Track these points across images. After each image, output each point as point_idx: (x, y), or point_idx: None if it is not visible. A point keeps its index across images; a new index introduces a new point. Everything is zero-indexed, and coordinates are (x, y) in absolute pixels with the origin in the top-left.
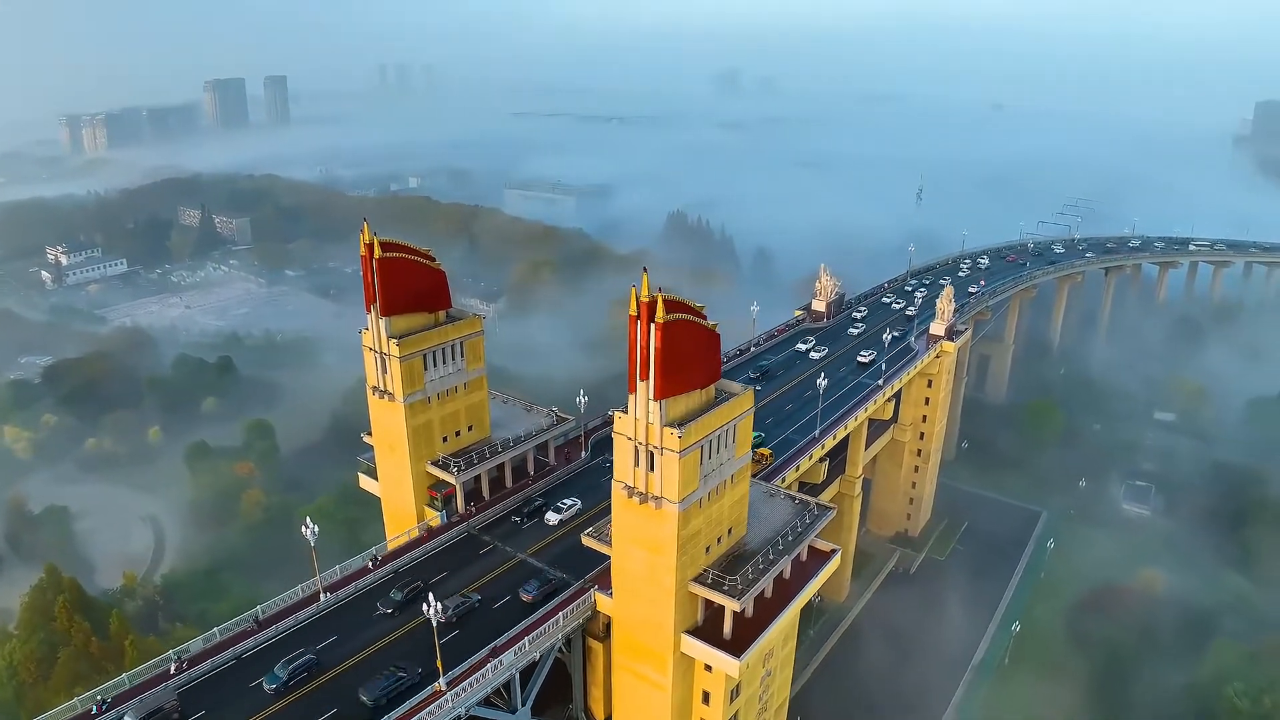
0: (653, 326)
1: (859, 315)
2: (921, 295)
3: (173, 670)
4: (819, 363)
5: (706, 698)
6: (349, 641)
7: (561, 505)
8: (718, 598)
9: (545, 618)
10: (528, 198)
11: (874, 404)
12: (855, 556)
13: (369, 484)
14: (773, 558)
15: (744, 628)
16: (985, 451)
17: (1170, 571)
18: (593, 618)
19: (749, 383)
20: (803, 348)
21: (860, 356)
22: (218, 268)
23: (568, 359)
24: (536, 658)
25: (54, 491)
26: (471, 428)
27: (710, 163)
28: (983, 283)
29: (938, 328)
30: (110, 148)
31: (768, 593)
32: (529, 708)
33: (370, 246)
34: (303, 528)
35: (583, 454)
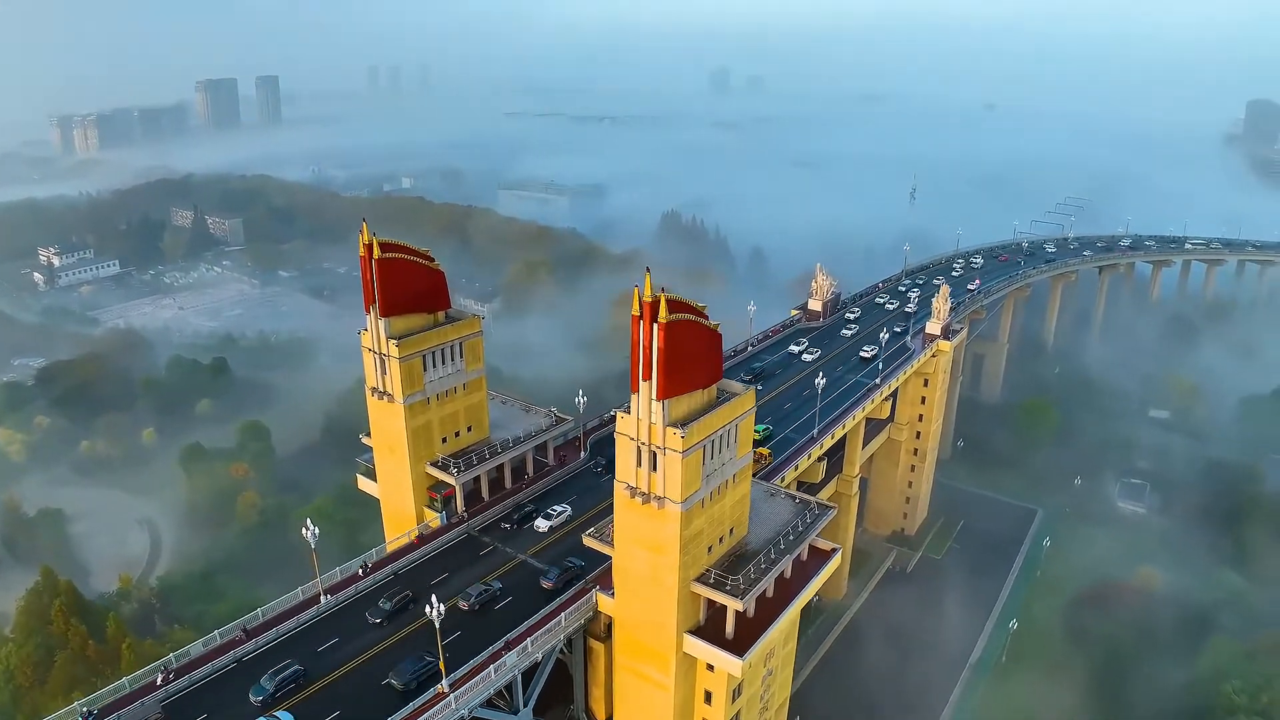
0: (655, 326)
1: (852, 316)
2: (915, 295)
3: (160, 681)
4: (812, 365)
5: (709, 697)
6: (337, 651)
7: (552, 512)
8: (720, 598)
9: (547, 618)
10: (521, 198)
11: (871, 403)
12: (852, 555)
13: (368, 485)
14: (774, 557)
15: (746, 627)
16: (981, 450)
17: (1166, 569)
18: (594, 618)
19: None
20: (796, 349)
21: (863, 351)
22: (211, 269)
23: (563, 359)
24: (539, 659)
25: (48, 494)
26: (471, 428)
27: (704, 162)
28: (978, 282)
29: (934, 327)
30: (102, 148)
31: (769, 592)
32: (531, 708)
33: (370, 247)
34: (303, 529)
35: (581, 454)
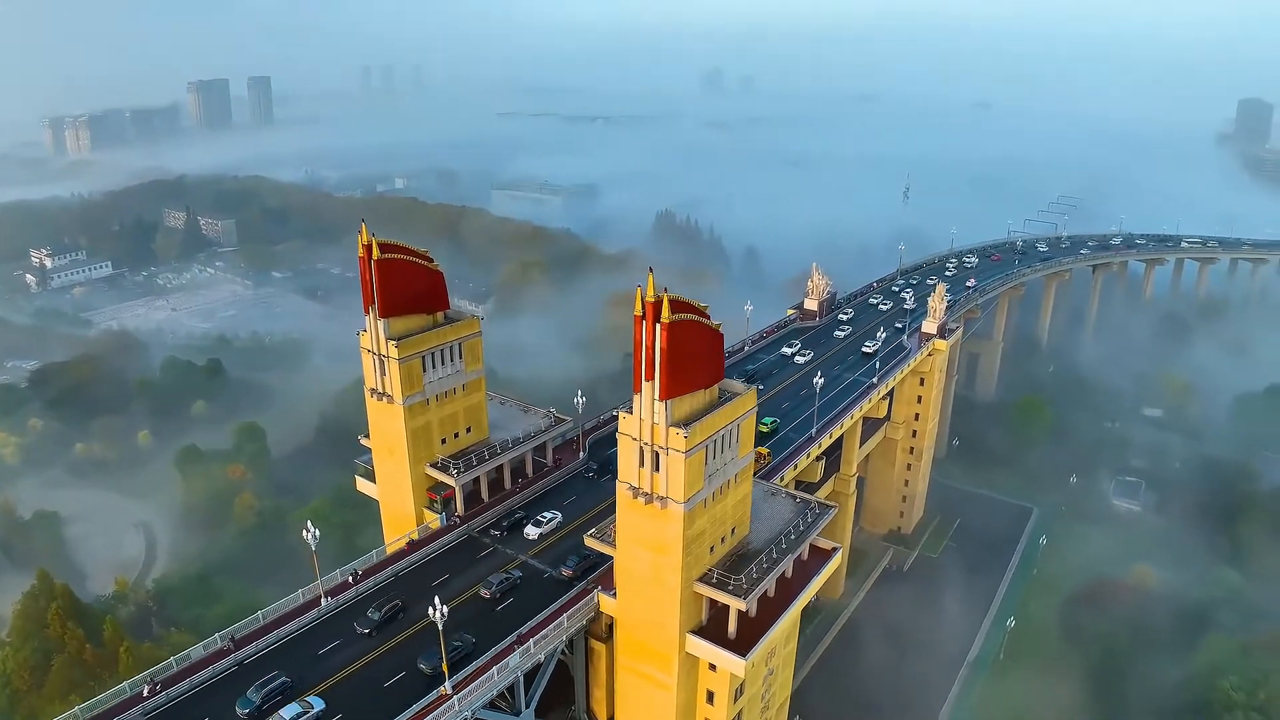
0: (658, 326)
1: (844, 318)
2: (908, 295)
3: (146, 693)
4: (804, 367)
5: (711, 697)
6: (324, 663)
7: (541, 519)
8: (723, 597)
9: (549, 619)
10: (515, 198)
11: (869, 402)
12: (850, 554)
13: (366, 487)
14: (776, 557)
15: (748, 627)
16: (976, 449)
17: (1162, 566)
18: (595, 619)
19: None
20: (788, 351)
21: (864, 347)
22: (204, 270)
23: (558, 360)
24: (541, 660)
25: (43, 497)
26: (470, 429)
27: (696, 162)
28: (973, 281)
29: (930, 326)
30: (94, 149)
31: (770, 592)
32: (533, 709)
33: (369, 247)
34: (304, 532)
35: (580, 454)
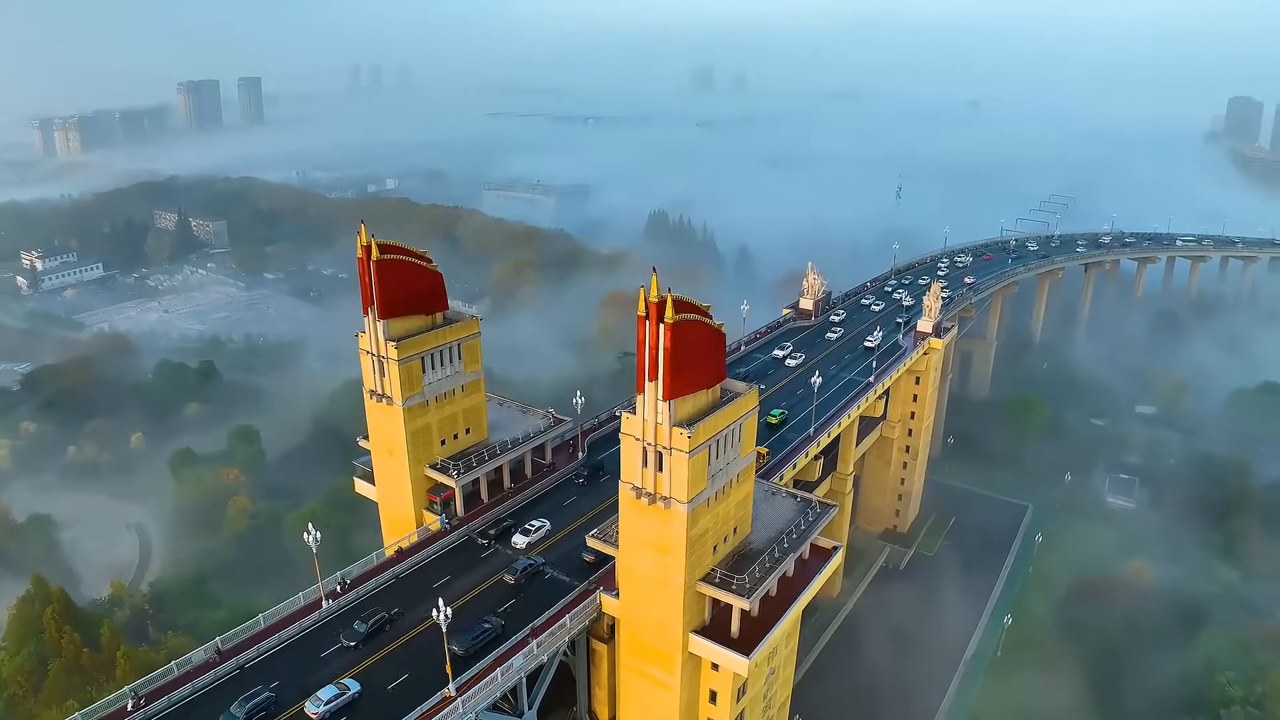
0: (662, 327)
1: (836, 319)
2: (901, 295)
3: (130, 707)
4: (795, 370)
5: (713, 697)
6: (311, 674)
7: (530, 527)
8: (727, 597)
9: (551, 620)
10: (507, 198)
11: (866, 401)
12: (847, 553)
13: (365, 489)
14: (778, 556)
15: (750, 626)
16: (971, 447)
17: (1158, 562)
18: (597, 619)
19: None
20: (779, 354)
21: (867, 341)
22: (195, 271)
23: (553, 360)
24: (544, 661)
25: (36, 500)
26: (469, 430)
27: (688, 162)
28: (971, 279)
29: (925, 325)
30: (84, 151)
31: (772, 591)
32: (535, 711)
33: (368, 248)
34: (305, 534)
35: (580, 455)
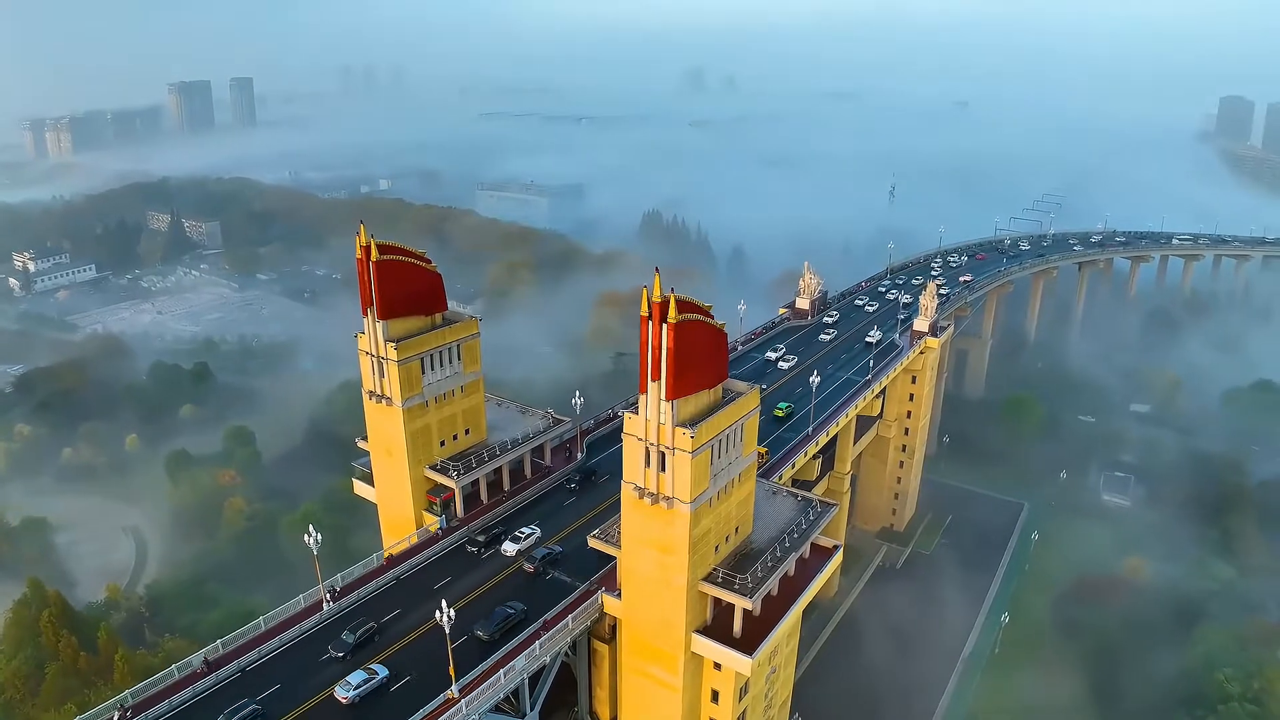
0: (665, 327)
1: (830, 320)
2: (893, 296)
3: (116, 719)
4: (787, 373)
5: (715, 696)
6: (299, 685)
7: (520, 534)
8: (729, 596)
9: (554, 621)
10: (500, 199)
11: (864, 400)
12: (844, 552)
13: (364, 490)
14: (780, 555)
15: (752, 625)
16: (966, 446)
17: (1154, 560)
18: (599, 620)
19: None
20: (772, 356)
21: (868, 337)
22: (189, 272)
23: (548, 360)
24: (546, 662)
25: (31, 503)
26: (469, 431)
27: (681, 161)
28: (969, 276)
29: (921, 324)
30: (75, 152)
31: (774, 590)
32: (537, 712)
33: (367, 249)
34: (306, 536)
35: (579, 455)
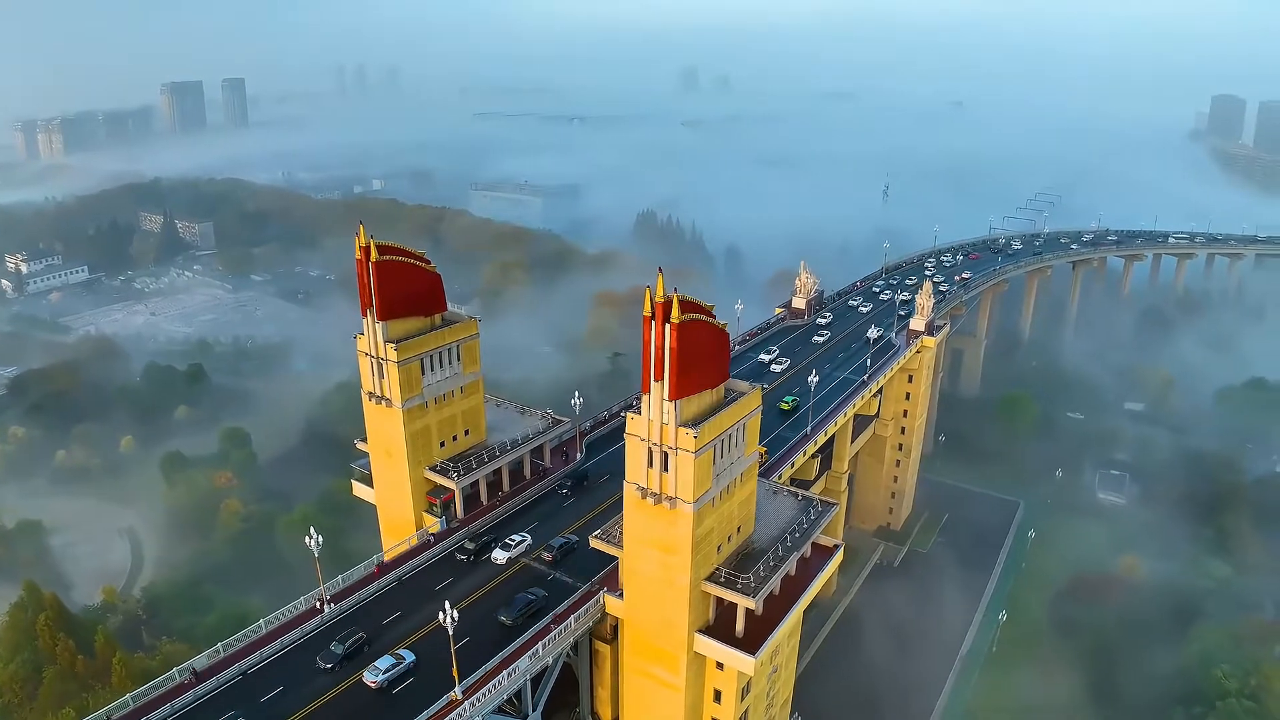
0: (668, 327)
1: (823, 321)
2: (888, 296)
3: None
4: (780, 376)
5: (718, 696)
6: (289, 696)
7: (510, 542)
8: (732, 596)
9: (556, 621)
10: (494, 199)
11: (861, 399)
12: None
13: (363, 491)
14: (782, 555)
15: (754, 625)
16: (962, 445)
17: (1150, 558)
18: (601, 620)
19: None
20: (765, 358)
21: (870, 333)
22: (182, 273)
23: (545, 361)
24: (548, 663)
25: (26, 506)
26: (468, 432)
27: (675, 161)
28: (968, 274)
29: (918, 323)
30: (67, 153)
31: (775, 590)
32: (539, 712)
33: (366, 249)
34: (306, 538)
35: (579, 455)
